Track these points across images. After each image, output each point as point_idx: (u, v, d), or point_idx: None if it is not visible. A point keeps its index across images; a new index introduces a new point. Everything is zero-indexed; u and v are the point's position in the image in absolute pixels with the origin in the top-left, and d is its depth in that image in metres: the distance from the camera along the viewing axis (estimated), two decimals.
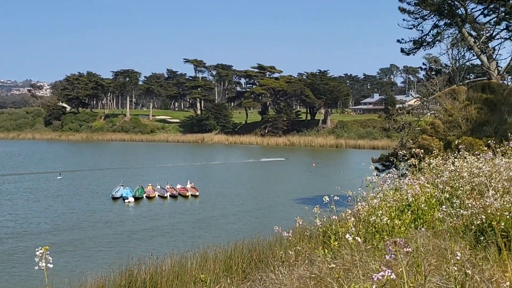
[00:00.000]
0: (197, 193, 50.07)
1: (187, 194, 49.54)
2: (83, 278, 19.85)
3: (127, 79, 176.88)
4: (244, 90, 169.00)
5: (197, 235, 33.51)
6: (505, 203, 8.37)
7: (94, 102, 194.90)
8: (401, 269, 4.07)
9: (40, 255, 4.27)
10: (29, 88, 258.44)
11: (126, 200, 46.64)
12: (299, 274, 6.22)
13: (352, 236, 5.76)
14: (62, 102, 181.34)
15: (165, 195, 49.44)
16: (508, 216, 8.04)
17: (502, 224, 7.96)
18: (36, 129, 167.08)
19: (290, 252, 8.37)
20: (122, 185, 50.83)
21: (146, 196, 49.05)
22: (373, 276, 3.57)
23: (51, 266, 4.29)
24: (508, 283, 4.17)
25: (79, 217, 39.81)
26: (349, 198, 10.21)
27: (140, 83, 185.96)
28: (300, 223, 9.12)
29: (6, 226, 36.53)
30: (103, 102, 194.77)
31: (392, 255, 3.69)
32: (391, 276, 3.57)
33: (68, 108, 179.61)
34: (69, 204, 45.45)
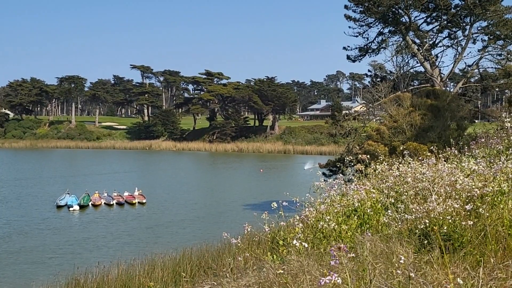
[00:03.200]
0: (144, 201, 49.55)
1: (134, 202, 48.97)
2: None
3: (73, 85, 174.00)
4: (192, 96, 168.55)
5: (144, 243, 33.11)
6: (447, 207, 8.58)
7: (39, 108, 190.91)
8: (346, 273, 4.12)
9: None
10: None
11: (71, 208, 45.73)
12: (247, 281, 6.23)
13: (299, 242, 5.81)
14: (4, 109, 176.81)
15: (111, 203, 48.73)
16: (450, 220, 8.24)
17: (445, 228, 8.17)
18: None
19: (239, 259, 8.38)
20: (68, 193, 49.85)
21: (92, 204, 48.21)
22: (320, 281, 3.61)
23: None
24: (451, 285, 4.28)
25: (22, 226, 38.81)
26: (298, 204, 10.29)
27: (86, 89, 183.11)
28: (249, 229, 9.15)
29: None
30: (47, 108, 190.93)
31: (337, 260, 3.75)
32: (338, 281, 3.62)
33: (11, 114, 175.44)
34: (11, 213, 44.29)
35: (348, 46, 44.40)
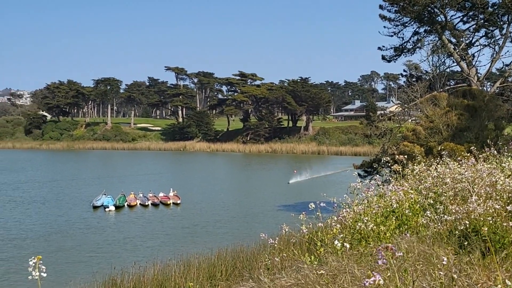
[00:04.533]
0: (178, 201, 49.85)
1: (169, 202, 49.33)
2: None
3: (108, 87, 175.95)
4: (225, 97, 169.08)
5: (179, 243, 33.34)
6: (488, 208, 8.44)
7: (75, 110, 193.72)
8: (388, 274, 4.08)
9: (33, 264, 4.22)
10: (8, 97, 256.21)
11: (106, 209, 46.25)
12: (285, 281, 6.21)
13: (340, 242, 5.77)
14: (42, 111, 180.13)
15: (147, 204, 49.17)
16: (491, 221, 8.11)
17: (486, 229, 8.03)
18: (16, 138, 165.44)
19: (276, 259, 8.35)
20: (105, 194, 50.51)
21: (127, 204, 48.74)
22: (365, 282, 3.58)
23: (44, 275, 4.26)
24: (499, 286, 4.21)
25: (60, 226, 39.46)
26: (335, 204, 10.23)
27: (121, 91, 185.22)
28: (286, 230, 9.12)
29: None
30: (84, 110, 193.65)
31: (384, 260, 3.70)
32: (380, 282, 3.58)
33: (49, 116, 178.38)
34: (50, 213, 45.05)
35: (383, 46, 44.01)
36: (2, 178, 73.64)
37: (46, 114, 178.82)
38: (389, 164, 13.96)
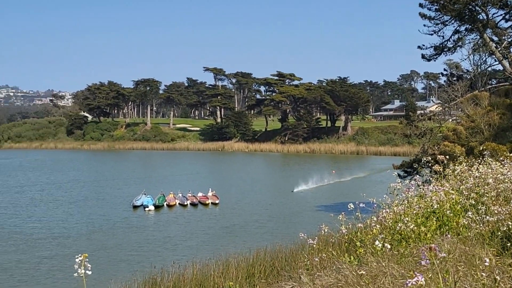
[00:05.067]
0: (217, 201, 50.12)
1: (207, 202, 49.65)
2: (107, 286, 19.98)
3: (148, 88, 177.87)
4: (263, 97, 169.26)
5: (218, 243, 33.52)
6: None
7: (115, 111, 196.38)
8: (430, 275, 4.06)
9: (79, 262, 4.34)
10: (51, 98, 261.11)
11: (146, 209, 46.77)
12: (325, 281, 6.21)
13: (381, 242, 5.75)
14: (83, 112, 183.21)
15: (185, 203, 49.57)
16: None
17: None
18: (58, 139, 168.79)
19: (316, 259, 8.35)
20: (145, 194, 51.12)
21: (166, 204, 49.23)
22: (407, 282, 3.58)
23: (89, 273, 4.36)
24: None
25: (101, 225, 40.10)
26: (375, 205, 10.18)
27: (161, 91, 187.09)
28: (326, 230, 9.11)
29: (29, 233, 36.91)
30: (124, 111, 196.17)
31: (427, 260, 3.70)
32: (423, 282, 3.58)
33: (90, 117, 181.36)
34: (91, 212, 45.81)
35: (423, 45, 43.44)
36: (45, 178, 75.22)
37: (87, 115, 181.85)
38: (430, 164, 13.80)
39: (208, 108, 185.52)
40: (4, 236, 36.17)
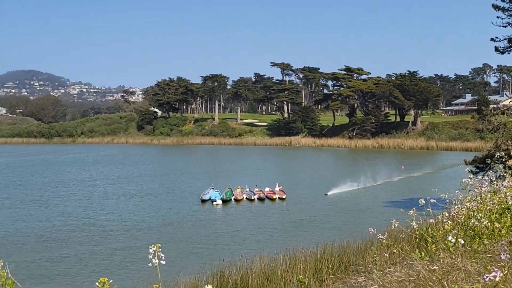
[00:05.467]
0: (284, 196, 50.19)
1: (274, 197, 49.78)
2: (177, 278, 20.35)
3: (216, 84, 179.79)
4: (331, 92, 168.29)
5: (286, 237, 33.58)
6: None
7: (184, 106, 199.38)
8: (506, 271, 3.96)
9: (153, 252, 4.45)
10: (122, 94, 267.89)
11: (214, 203, 47.33)
12: (396, 276, 6.15)
13: (454, 238, 5.64)
14: (153, 107, 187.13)
15: (253, 198, 49.86)
16: None
17: None
18: (129, 134, 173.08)
19: (385, 255, 8.27)
20: (213, 188, 51.75)
21: (234, 198, 49.68)
22: (485, 277, 3.52)
23: (163, 263, 4.48)
24: None
25: (171, 218, 40.92)
26: (447, 201, 9.97)
27: (228, 87, 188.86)
28: (396, 225, 8.99)
29: (102, 225, 38.05)
30: (192, 106, 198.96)
31: (507, 254, 3.62)
32: (500, 277, 3.51)
33: (159, 112, 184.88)
34: (161, 205, 46.80)
35: (496, 37, 42.06)
36: (117, 171, 77.30)
37: (157, 110, 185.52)
38: (503, 160, 13.41)
39: (275, 103, 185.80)
40: (78, 228, 37.44)
